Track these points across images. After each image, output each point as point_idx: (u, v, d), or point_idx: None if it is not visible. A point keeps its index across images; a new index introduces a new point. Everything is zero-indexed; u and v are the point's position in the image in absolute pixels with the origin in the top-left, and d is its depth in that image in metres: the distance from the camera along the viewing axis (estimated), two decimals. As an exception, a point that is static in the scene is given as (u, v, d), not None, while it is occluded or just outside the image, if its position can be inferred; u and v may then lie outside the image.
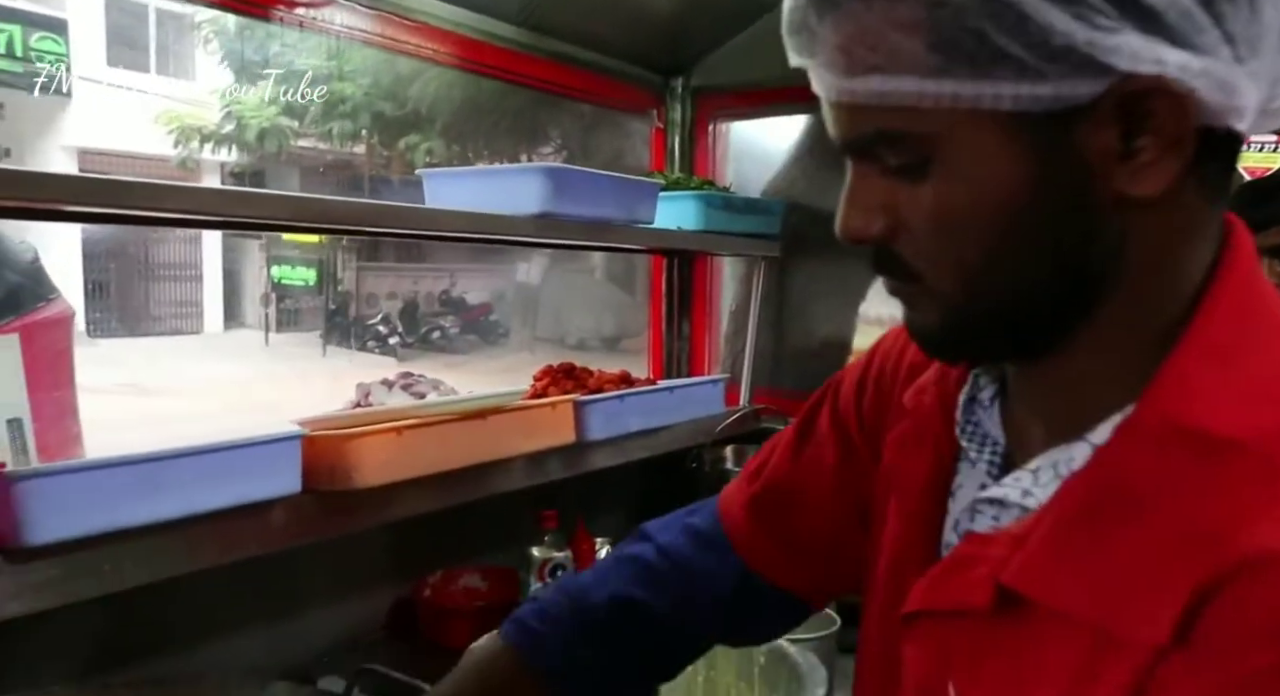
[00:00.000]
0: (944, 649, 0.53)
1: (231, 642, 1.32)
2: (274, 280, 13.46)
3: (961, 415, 0.58)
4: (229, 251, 13.30)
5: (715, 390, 1.76)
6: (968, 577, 0.51)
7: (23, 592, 0.88)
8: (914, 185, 0.48)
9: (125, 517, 0.93)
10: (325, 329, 12.52)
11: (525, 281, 12.54)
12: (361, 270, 14.02)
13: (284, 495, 1.07)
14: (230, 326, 13.06)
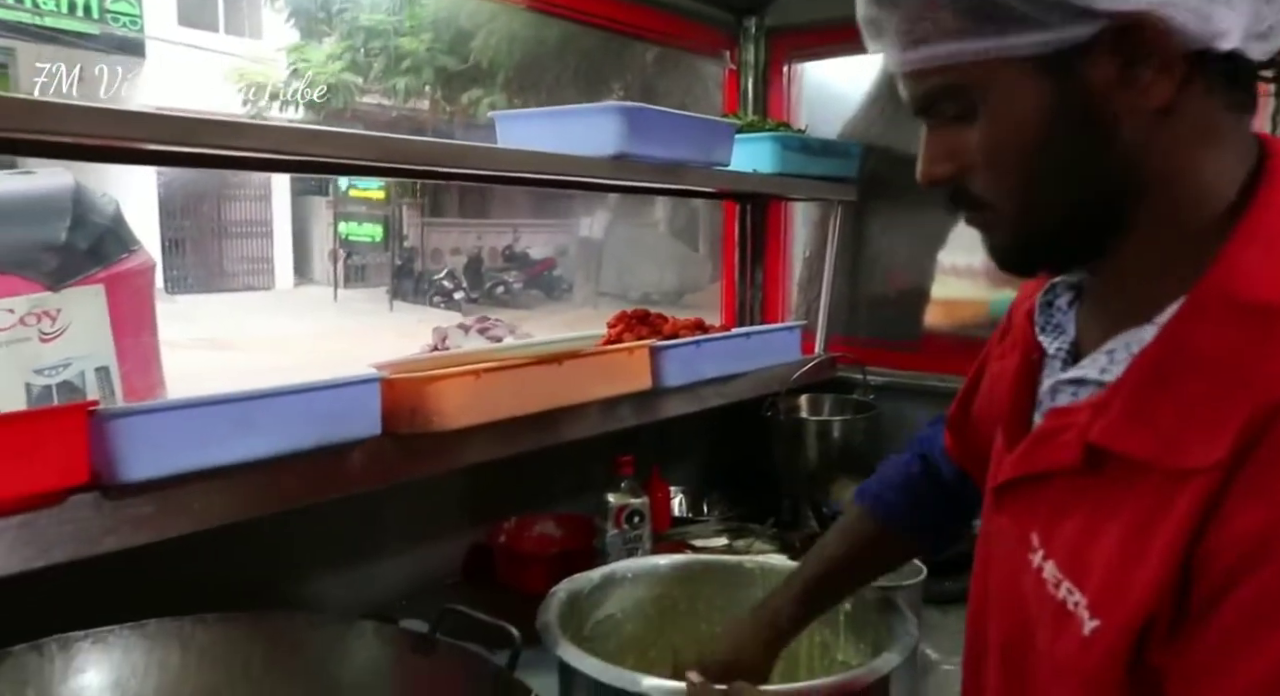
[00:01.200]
0: (1030, 508, 0.63)
1: (314, 583, 1.34)
2: (341, 236, 13.65)
3: (1039, 316, 0.68)
4: (298, 209, 13.52)
5: (791, 337, 1.72)
6: (1058, 442, 0.60)
7: (119, 527, 0.90)
8: (969, 129, 0.59)
9: (214, 456, 0.94)
10: (392, 284, 12.69)
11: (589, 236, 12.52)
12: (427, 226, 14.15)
13: (364, 437, 1.08)
14: (300, 282, 13.31)
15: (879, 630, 0.96)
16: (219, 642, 0.94)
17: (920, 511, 0.94)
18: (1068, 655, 0.57)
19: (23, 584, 0.86)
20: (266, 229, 13.18)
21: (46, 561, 0.85)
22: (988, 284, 1.92)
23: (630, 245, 12.14)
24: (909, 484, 0.94)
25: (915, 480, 0.94)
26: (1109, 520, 0.56)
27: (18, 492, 0.81)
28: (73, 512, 0.87)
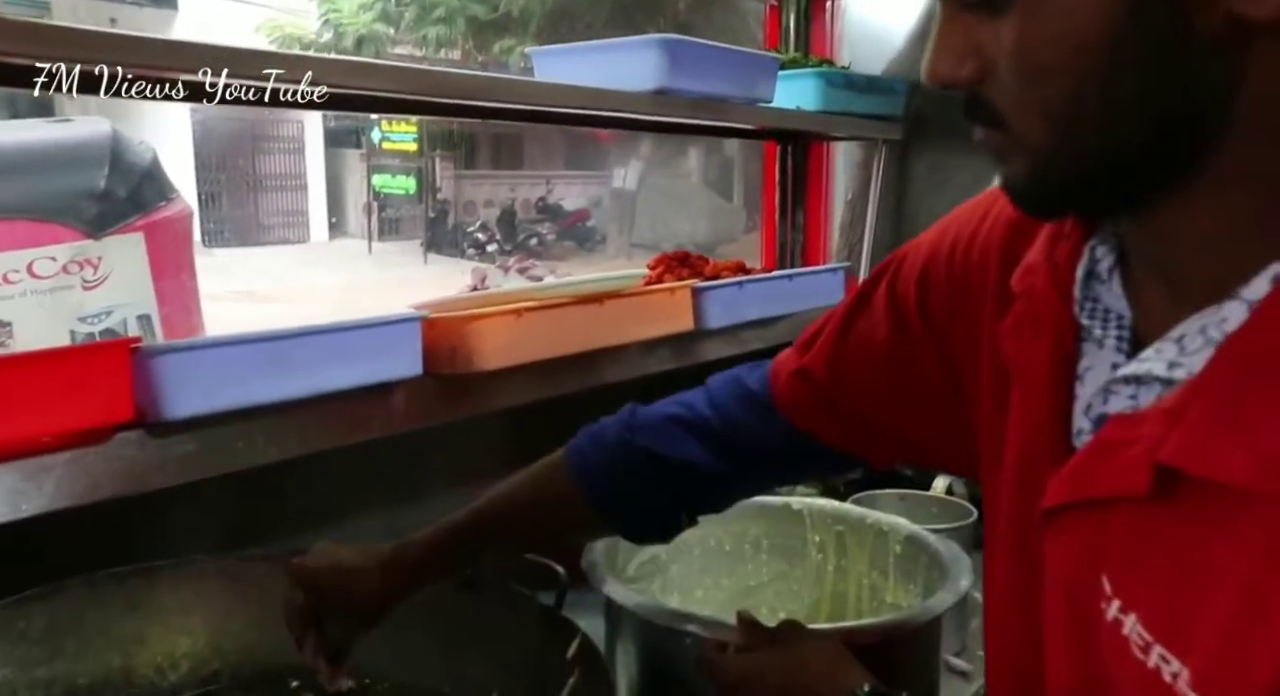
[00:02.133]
0: (1094, 542, 0.49)
1: (354, 526, 1.34)
2: (375, 189, 13.66)
3: (1080, 292, 0.54)
4: (331, 162, 13.52)
5: (835, 279, 1.68)
6: (1119, 461, 0.46)
7: (165, 465, 0.90)
8: (999, 22, 0.46)
9: (256, 395, 0.93)
10: (425, 237, 12.70)
11: (622, 187, 12.42)
12: (459, 178, 14.11)
13: (405, 377, 1.06)
14: (334, 235, 13.36)
15: (930, 572, 0.94)
16: (265, 580, 0.93)
17: (626, 491, 0.77)
18: None
19: (74, 520, 0.86)
20: (301, 182, 13.21)
21: (95, 498, 0.85)
22: None
23: (663, 196, 12.03)
24: (626, 448, 0.77)
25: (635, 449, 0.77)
26: (1205, 567, 0.43)
27: (64, 428, 0.81)
28: (119, 450, 0.87)
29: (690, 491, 0.77)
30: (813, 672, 0.70)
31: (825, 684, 0.69)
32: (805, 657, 0.71)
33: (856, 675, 0.69)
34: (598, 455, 0.78)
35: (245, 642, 0.91)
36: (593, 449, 0.78)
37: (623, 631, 0.87)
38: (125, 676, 0.85)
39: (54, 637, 0.83)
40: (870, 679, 0.68)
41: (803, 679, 0.70)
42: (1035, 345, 0.55)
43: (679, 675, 0.81)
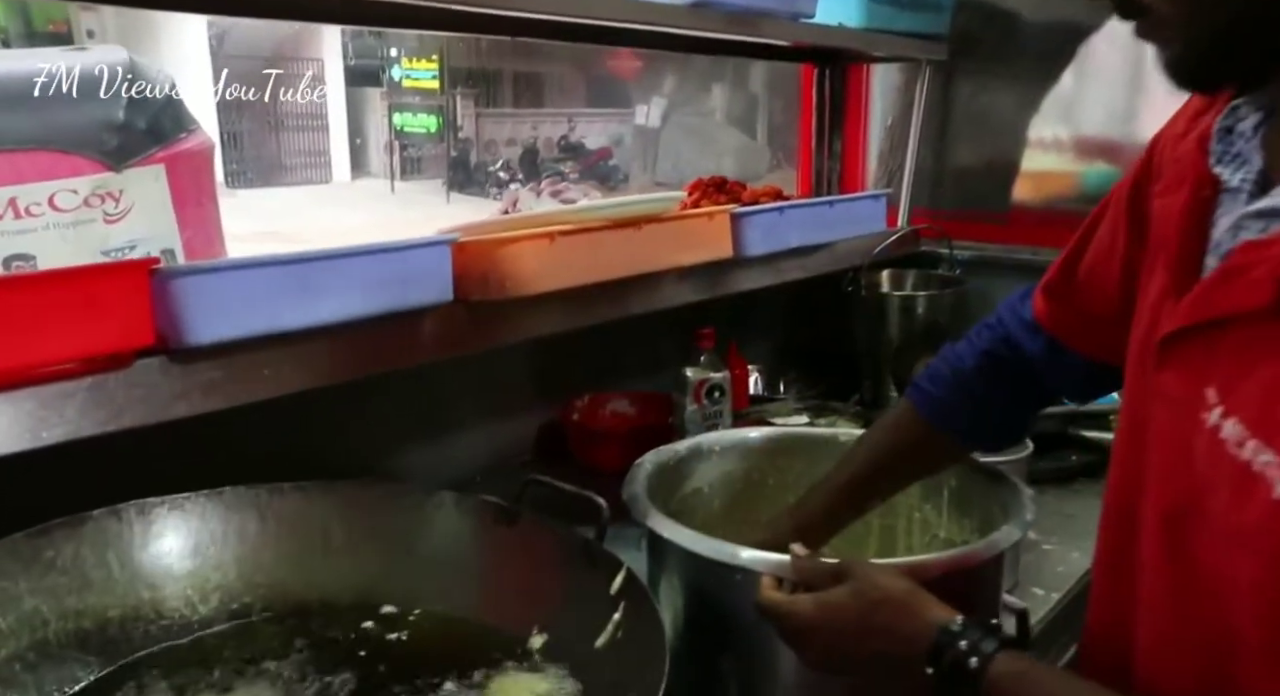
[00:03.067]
0: (1203, 361, 0.54)
1: (384, 458, 1.32)
2: (396, 128, 13.52)
3: (1217, 144, 0.58)
4: (352, 101, 13.38)
5: (877, 206, 1.62)
6: (1244, 281, 0.52)
7: (189, 393, 0.86)
8: None
9: (282, 320, 0.89)
10: (448, 176, 12.60)
11: (644, 125, 12.22)
12: (481, 117, 13.93)
13: (436, 304, 1.02)
14: (357, 175, 13.27)
15: (987, 506, 0.90)
16: (296, 511, 0.91)
17: (972, 411, 0.85)
18: (1255, 521, 0.49)
19: (98, 449, 0.83)
20: (322, 122, 13.08)
21: (118, 426, 0.82)
22: (1076, 157, 1.82)
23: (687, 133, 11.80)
24: (961, 379, 0.85)
25: (969, 376, 0.85)
26: None
27: (83, 353, 0.77)
28: (141, 377, 0.83)
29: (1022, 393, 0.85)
30: (891, 610, 0.65)
31: (911, 619, 0.64)
32: (882, 595, 0.66)
33: (939, 610, 0.64)
34: (937, 389, 0.86)
35: (277, 576, 0.89)
36: (931, 386, 0.87)
37: (667, 567, 0.84)
38: (155, 608, 0.83)
39: (83, 568, 0.80)
40: (955, 612, 0.64)
41: (880, 617, 0.65)
42: (1175, 199, 0.60)
43: (728, 613, 0.77)
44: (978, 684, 0.59)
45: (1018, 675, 0.59)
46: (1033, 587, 1.06)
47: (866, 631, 0.66)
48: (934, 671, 0.62)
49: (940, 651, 0.61)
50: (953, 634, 0.62)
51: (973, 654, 0.60)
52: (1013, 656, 0.60)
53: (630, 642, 0.73)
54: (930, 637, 0.62)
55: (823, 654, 0.69)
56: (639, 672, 0.68)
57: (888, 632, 0.65)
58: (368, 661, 0.81)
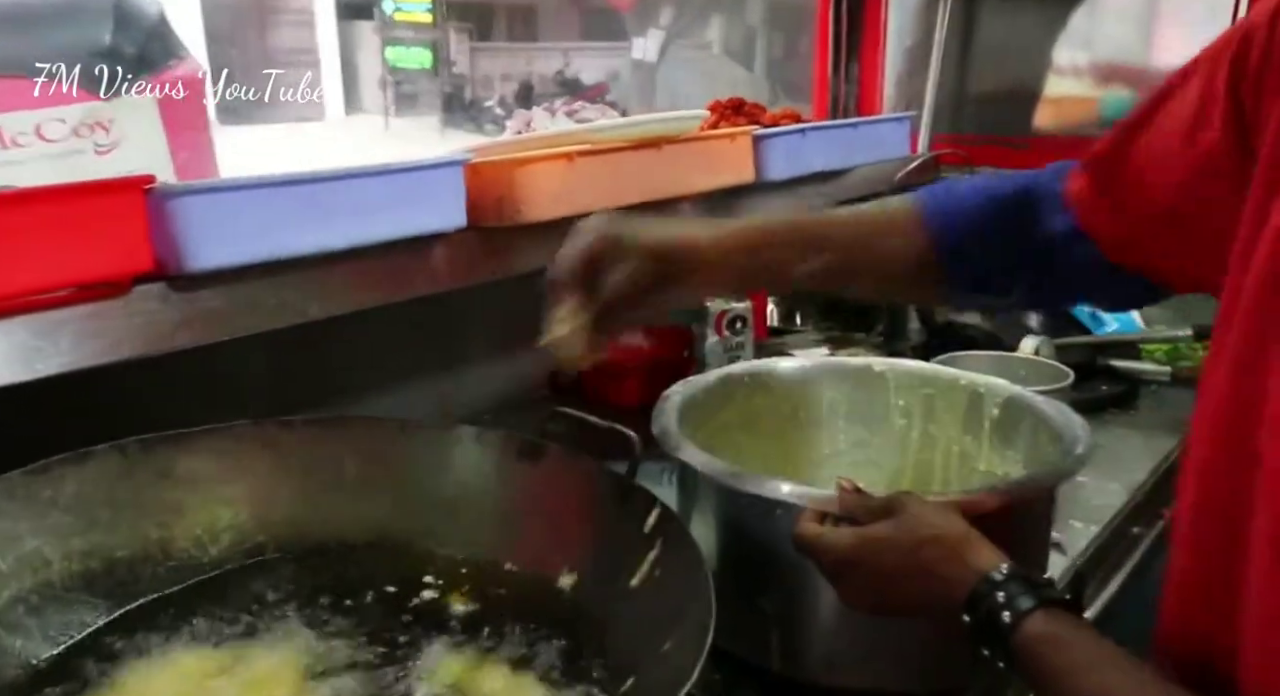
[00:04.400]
0: None
1: (394, 395, 1.27)
2: (389, 64, 13.23)
3: None
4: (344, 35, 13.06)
5: (900, 129, 1.55)
6: None
7: (190, 322, 0.81)
8: None
9: (286, 245, 0.84)
10: (443, 112, 12.37)
11: (641, 59, 11.99)
12: (475, 51, 13.64)
13: (448, 229, 0.97)
14: (351, 111, 13.02)
15: (1034, 437, 0.85)
16: (308, 447, 0.86)
17: (982, 239, 0.70)
18: None
19: (98, 381, 0.78)
20: (313, 57, 12.78)
21: (117, 356, 0.77)
22: (1094, 82, 1.77)
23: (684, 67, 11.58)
24: (984, 204, 0.71)
25: (996, 204, 0.71)
26: None
27: (76, 277, 0.72)
28: (140, 305, 0.78)
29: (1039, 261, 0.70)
30: (938, 550, 0.60)
31: (955, 563, 0.59)
32: (931, 533, 0.61)
33: (987, 556, 0.59)
34: (949, 195, 0.72)
35: (291, 514, 0.85)
36: (944, 189, 0.73)
37: (700, 502, 0.80)
38: (164, 549, 0.79)
39: (85, 507, 0.76)
40: (1005, 558, 0.59)
41: (924, 557, 0.60)
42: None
43: (767, 550, 0.73)
44: (1007, 642, 0.55)
45: (1050, 638, 0.54)
46: (1071, 520, 1.02)
47: (908, 571, 0.61)
48: (970, 620, 0.58)
49: (978, 601, 0.57)
50: (992, 583, 0.57)
51: (1007, 608, 0.55)
52: (1050, 616, 0.55)
53: (669, 581, 0.69)
54: (970, 585, 0.58)
55: (861, 591, 0.64)
56: (681, 612, 0.64)
57: (930, 574, 0.60)
58: (387, 602, 0.78)
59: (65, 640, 0.71)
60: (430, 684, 0.68)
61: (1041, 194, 0.69)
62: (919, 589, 0.61)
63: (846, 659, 0.75)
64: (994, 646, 0.56)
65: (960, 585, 0.58)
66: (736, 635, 0.75)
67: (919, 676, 0.76)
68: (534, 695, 0.67)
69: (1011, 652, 0.55)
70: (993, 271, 0.72)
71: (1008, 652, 0.55)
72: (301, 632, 0.73)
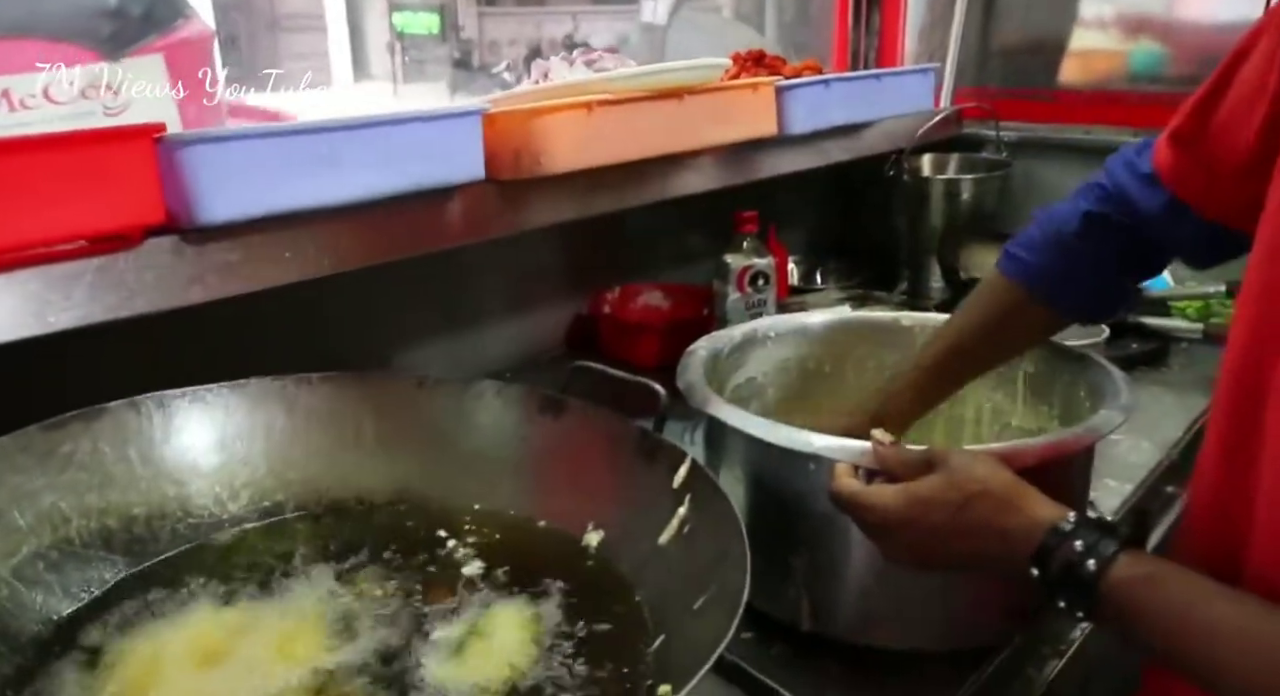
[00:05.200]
0: None
1: (410, 352, 1.25)
2: (397, 29, 13.14)
3: None
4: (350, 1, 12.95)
5: (925, 82, 1.51)
6: None
7: (204, 276, 0.79)
8: None
9: (302, 197, 0.81)
10: (451, 78, 12.30)
11: (651, 22, 11.85)
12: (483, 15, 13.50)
13: (465, 181, 0.94)
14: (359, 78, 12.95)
15: (1070, 391, 0.83)
16: (326, 404, 0.85)
17: (1072, 276, 0.77)
18: None
19: (111, 337, 0.77)
20: (320, 22, 12.69)
21: (130, 311, 0.75)
22: (1122, 35, 1.71)
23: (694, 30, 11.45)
24: (1060, 243, 0.77)
25: (1068, 239, 0.77)
26: None
27: (86, 228, 0.70)
28: (153, 258, 0.76)
29: (1129, 257, 0.77)
30: (991, 505, 0.58)
31: (1013, 515, 0.57)
32: (980, 487, 0.59)
33: (1046, 507, 0.57)
34: (1032, 256, 0.79)
35: (309, 472, 0.83)
36: (1025, 252, 0.79)
37: (729, 458, 0.78)
38: (182, 506, 0.78)
39: (101, 463, 0.75)
40: (1065, 509, 0.57)
41: (978, 512, 0.58)
42: None
43: (800, 507, 0.71)
44: (1094, 589, 0.53)
45: (1144, 579, 0.52)
46: (1105, 478, 1.00)
47: (961, 527, 0.59)
48: (1040, 574, 0.56)
49: (1049, 553, 0.55)
50: (1064, 534, 0.55)
51: (1089, 556, 0.53)
52: (1136, 557, 0.53)
53: (699, 539, 0.67)
54: (1037, 537, 0.56)
55: (908, 549, 0.62)
56: (713, 570, 0.62)
57: (986, 530, 0.58)
58: (407, 560, 0.76)
59: (85, 596, 0.70)
60: (451, 643, 0.66)
61: (1124, 189, 0.74)
62: (973, 545, 0.59)
63: (879, 617, 0.73)
64: (1074, 596, 0.54)
65: (1024, 538, 0.56)
66: (766, 593, 0.73)
67: (952, 635, 0.75)
68: (560, 653, 0.65)
69: (1097, 600, 0.53)
70: (1109, 289, 0.79)
71: (1091, 601, 0.53)
72: (321, 591, 0.72)
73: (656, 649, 0.64)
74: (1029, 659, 0.77)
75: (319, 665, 0.64)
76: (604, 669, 0.64)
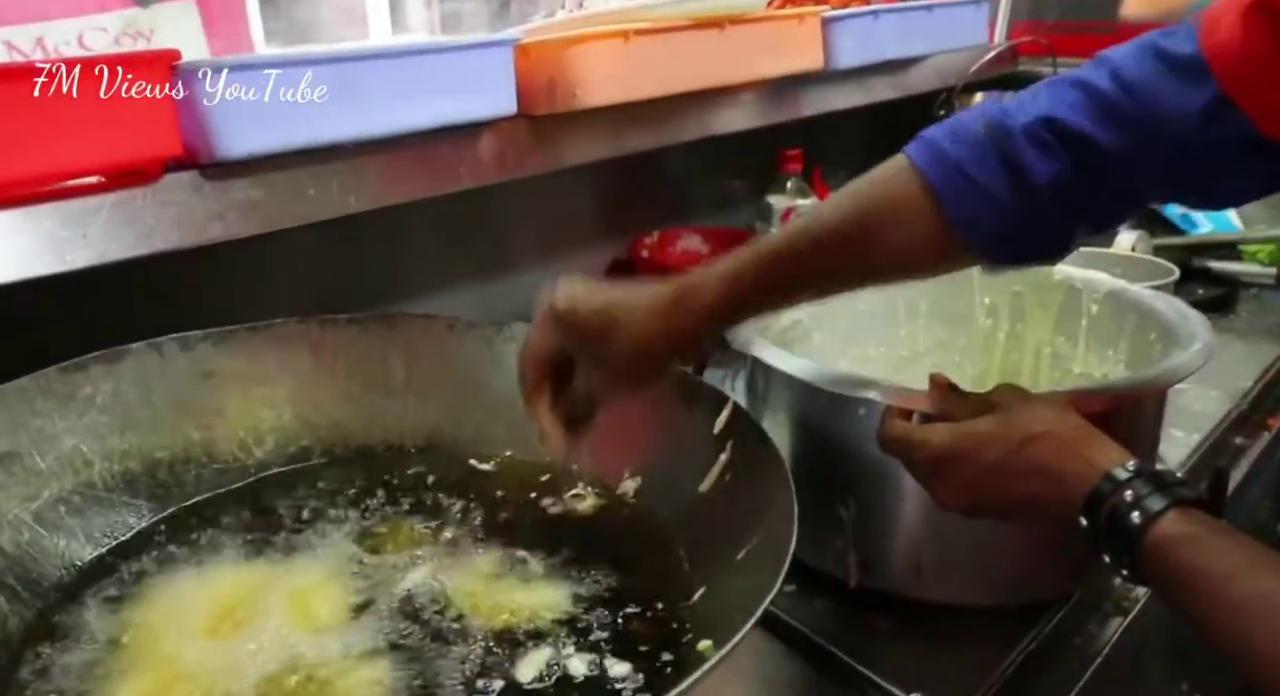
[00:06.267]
0: None
1: (439, 299, 1.22)
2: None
3: None
4: (384, -52, 12.80)
5: (978, 14, 1.43)
6: None
7: (225, 214, 0.76)
8: None
9: (326, 132, 0.78)
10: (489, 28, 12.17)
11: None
12: (519, -37, 13.31)
13: (497, 116, 0.90)
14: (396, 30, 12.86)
15: (1140, 335, 0.78)
16: (353, 347, 0.82)
17: (1000, 193, 0.55)
18: None
19: (130, 275, 0.74)
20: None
21: (149, 249, 0.72)
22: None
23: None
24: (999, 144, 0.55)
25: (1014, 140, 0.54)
26: None
27: (99, 162, 0.67)
28: (171, 194, 0.73)
29: (1082, 186, 0.55)
30: (1052, 446, 0.53)
31: (1072, 459, 0.52)
32: (1044, 429, 0.54)
33: (1110, 452, 0.52)
34: (958, 147, 0.56)
35: (336, 417, 0.81)
36: (947, 140, 0.57)
37: (772, 403, 0.74)
38: (206, 450, 0.76)
39: (123, 406, 0.73)
40: (1129, 455, 0.52)
41: (1037, 453, 0.54)
42: None
43: (848, 453, 0.67)
44: (1136, 542, 0.48)
45: (1189, 539, 0.47)
46: (1171, 429, 0.95)
47: (1018, 467, 0.54)
48: (1088, 522, 0.51)
49: (1099, 500, 0.50)
50: (1118, 482, 0.50)
51: (1135, 508, 0.49)
52: (1187, 517, 0.48)
53: (743, 486, 0.64)
54: (1090, 483, 0.51)
55: (962, 491, 0.57)
56: (758, 519, 0.59)
57: (1043, 472, 0.53)
58: (435, 506, 0.73)
59: (108, 542, 0.68)
60: (480, 590, 0.64)
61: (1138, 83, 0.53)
62: (1027, 487, 0.54)
63: (931, 570, 0.70)
64: (1118, 551, 0.50)
65: (1078, 483, 0.51)
66: (811, 545, 0.69)
67: (1008, 590, 0.71)
68: (593, 604, 0.62)
69: (1139, 558, 0.48)
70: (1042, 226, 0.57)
71: (1134, 558, 0.49)
72: (348, 538, 0.70)
73: (696, 602, 0.61)
74: (1090, 616, 0.73)
75: (344, 615, 0.62)
76: (640, 621, 0.61)
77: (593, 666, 0.57)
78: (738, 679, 0.69)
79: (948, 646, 0.69)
